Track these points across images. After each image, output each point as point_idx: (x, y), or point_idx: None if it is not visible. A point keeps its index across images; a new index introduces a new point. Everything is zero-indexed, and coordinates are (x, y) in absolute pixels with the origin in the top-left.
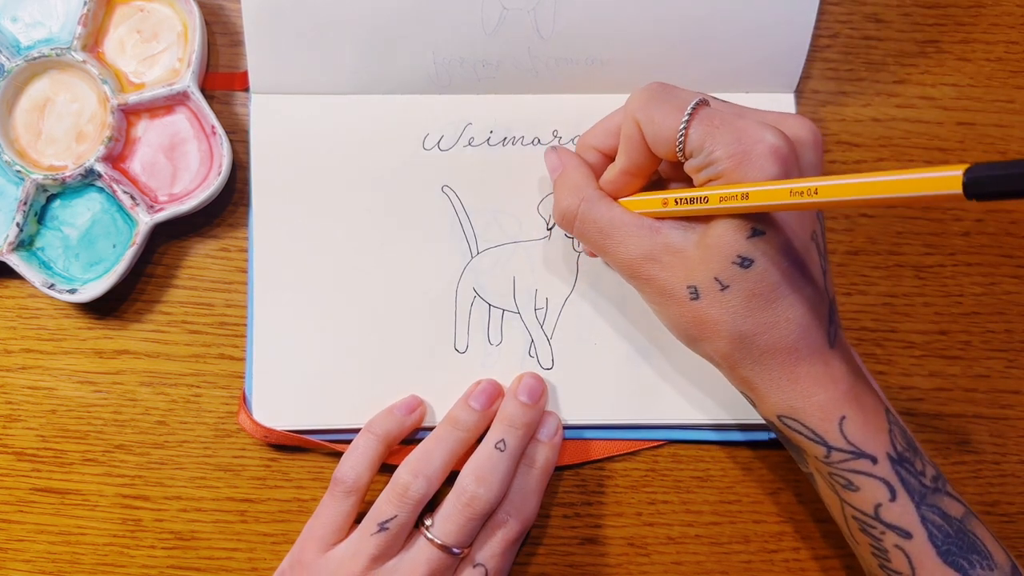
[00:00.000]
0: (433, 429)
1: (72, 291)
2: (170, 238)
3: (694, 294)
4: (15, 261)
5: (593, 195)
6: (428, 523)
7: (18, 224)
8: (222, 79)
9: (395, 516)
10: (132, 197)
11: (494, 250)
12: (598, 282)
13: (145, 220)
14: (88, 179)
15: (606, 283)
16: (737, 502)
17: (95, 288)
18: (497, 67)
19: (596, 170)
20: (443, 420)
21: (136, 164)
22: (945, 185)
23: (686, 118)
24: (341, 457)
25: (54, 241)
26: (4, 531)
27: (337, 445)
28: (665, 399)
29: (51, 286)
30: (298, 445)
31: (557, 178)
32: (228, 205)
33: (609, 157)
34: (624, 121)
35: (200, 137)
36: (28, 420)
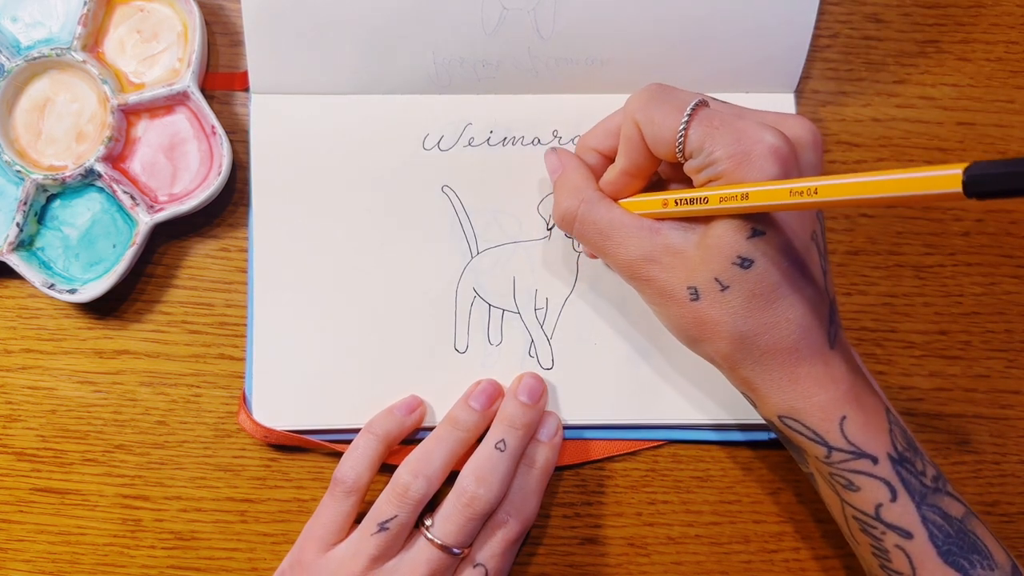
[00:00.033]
0: (433, 429)
1: (72, 291)
2: (170, 238)
3: (694, 295)
4: (15, 261)
5: (593, 196)
6: (428, 523)
7: (18, 224)
8: (222, 79)
9: (395, 516)
10: (132, 197)
11: (494, 250)
12: (598, 282)
13: (145, 220)
14: (88, 179)
15: (606, 283)
16: (737, 502)
17: (95, 288)
18: (497, 67)
19: (596, 171)
20: (443, 420)
21: (136, 164)
22: (945, 184)
23: (686, 119)
24: (341, 457)
25: (54, 241)
26: (4, 531)
27: (337, 445)
28: (665, 399)
29: (51, 286)
30: (298, 445)
31: (557, 179)
32: (228, 205)
33: (609, 158)
34: (624, 122)
35: (200, 137)
36: (28, 420)
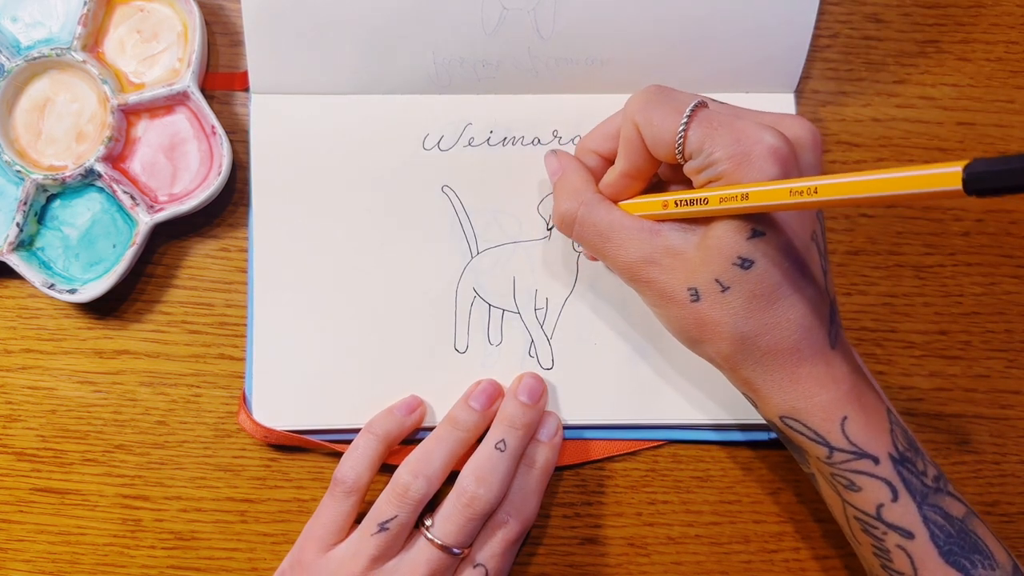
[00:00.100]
0: (433, 429)
1: (72, 291)
2: (170, 238)
3: (695, 296)
4: (15, 261)
5: (592, 199)
6: (428, 523)
7: (18, 224)
8: (222, 79)
9: (395, 516)
10: (132, 197)
11: (494, 250)
12: (598, 282)
13: (145, 220)
14: (88, 179)
15: (606, 283)
16: (737, 502)
17: (95, 288)
18: (497, 67)
19: (596, 174)
20: (443, 420)
21: (136, 164)
22: (945, 181)
23: (685, 120)
24: (341, 457)
25: (54, 241)
26: (4, 531)
27: (337, 445)
28: (665, 399)
29: (51, 286)
30: (298, 445)
31: (556, 182)
32: (228, 205)
33: (608, 160)
34: (623, 124)
35: (200, 137)
36: (28, 420)
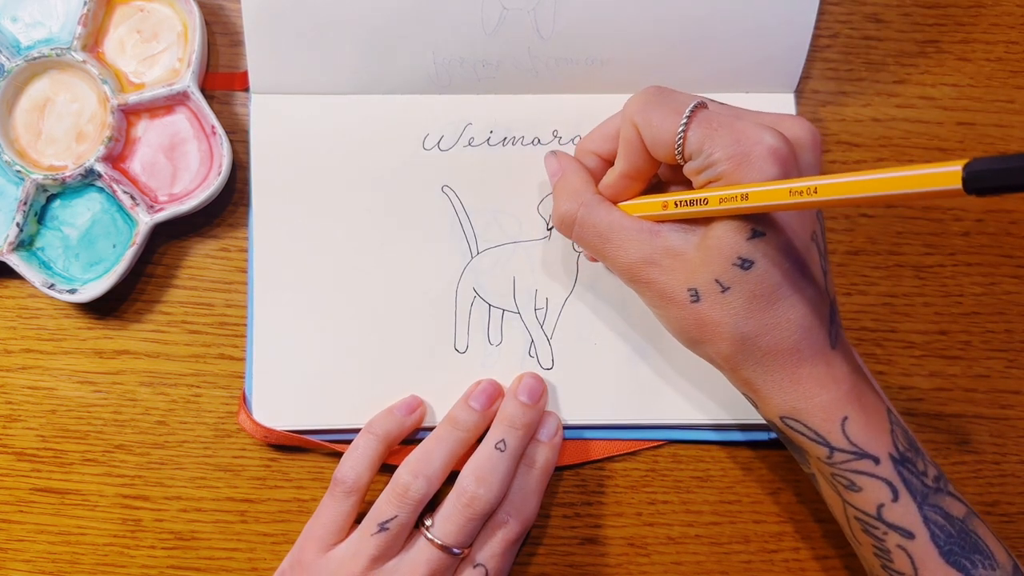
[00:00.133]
0: (433, 429)
1: (72, 291)
2: (170, 238)
3: (695, 297)
4: (15, 261)
5: (592, 200)
6: (428, 523)
7: (18, 224)
8: (222, 79)
9: (395, 516)
10: (132, 197)
11: (494, 250)
12: (598, 282)
13: (145, 220)
14: (88, 179)
15: (606, 283)
16: (737, 502)
17: (95, 288)
18: (497, 67)
19: (595, 175)
20: (443, 420)
21: (136, 164)
22: (945, 181)
23: (684, 121)
24: (341, 457)
25: (54, 241)
26: (4, 531)
27: (337, 445)
28: (665, 399)
29: (51, 286)
30: (298, 445)
31: (556, 183)
32: (228, 205)
33: (608, 161)
34: (622, 125)
35: (200, 137)
36: (28, 420)
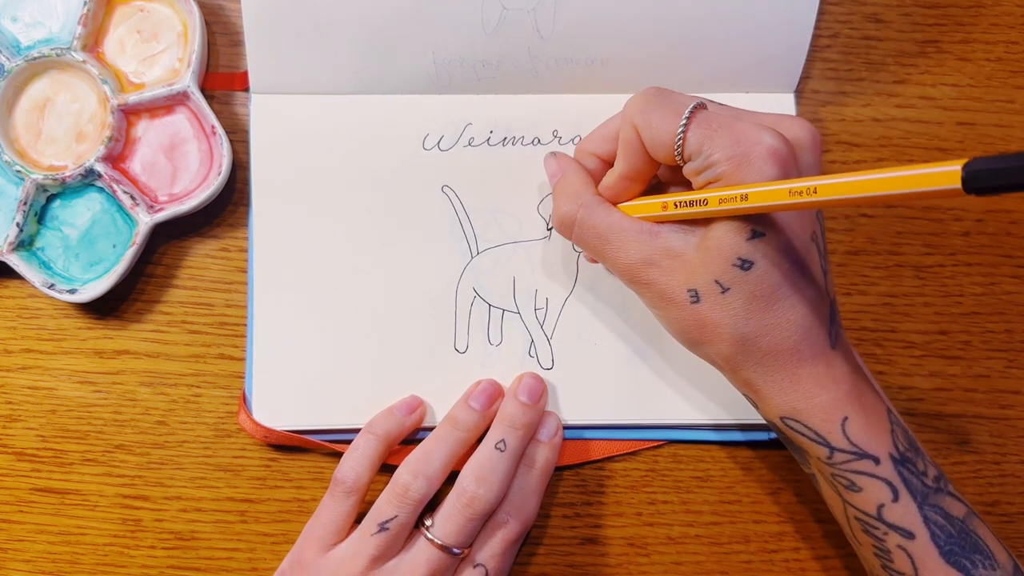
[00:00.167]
0: (433, 429)
1: (72, 291)
2: (170, 238)
3: (695, 297)
4: (15, 261)
5: (592, 201)
6: (428, 523)
7: (18, 224)
8: (222, 79)
9: (395, 516)
10: (132, 197)
11: (494, 250)
12: (598, 282)
13: (145, 220)
14: (88, 179)
15: (606, 283)
16: (737, 502)
17: (95, 288)
18: (497, 67)
19: (595, 176)
20: (443, 420)
21: (136, 164)
22: (944, 180)
23: (684, 122)
24: (341, 457)
25: (54, 241)
26: (4, 531)
27: (337, 445)
28: (665, 399)
29: (51, 286)
30: (298, 445)
31: (556, 184)
32: (228, 205)
33: (608, 163)
34: (622, 126)
35: (200, 137)
36: (28, 420)
